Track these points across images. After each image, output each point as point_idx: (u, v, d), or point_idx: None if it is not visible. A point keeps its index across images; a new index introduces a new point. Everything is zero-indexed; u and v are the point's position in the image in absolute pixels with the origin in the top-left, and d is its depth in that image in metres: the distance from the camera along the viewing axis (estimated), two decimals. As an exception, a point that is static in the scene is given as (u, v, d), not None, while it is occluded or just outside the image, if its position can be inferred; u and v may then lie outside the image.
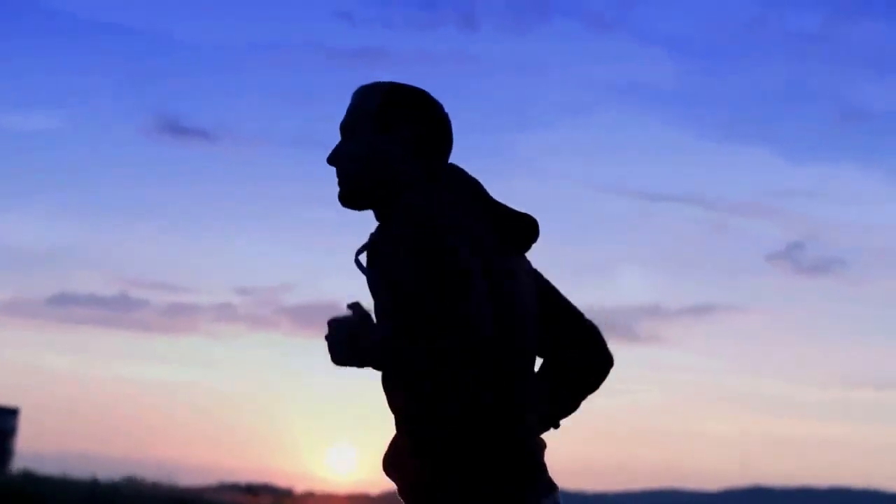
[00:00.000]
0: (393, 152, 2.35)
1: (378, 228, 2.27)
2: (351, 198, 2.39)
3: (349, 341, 2.18)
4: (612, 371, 2.44)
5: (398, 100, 2.38)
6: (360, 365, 2.20)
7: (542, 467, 2.30)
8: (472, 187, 2.37)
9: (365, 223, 2.36)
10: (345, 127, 2.41)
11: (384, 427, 2.43)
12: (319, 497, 22.80)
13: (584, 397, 2.44)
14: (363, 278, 2.27)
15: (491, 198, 2.37)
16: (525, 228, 2.37)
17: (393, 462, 2.28)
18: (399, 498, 2.30)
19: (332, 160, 2.40)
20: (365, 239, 2.25)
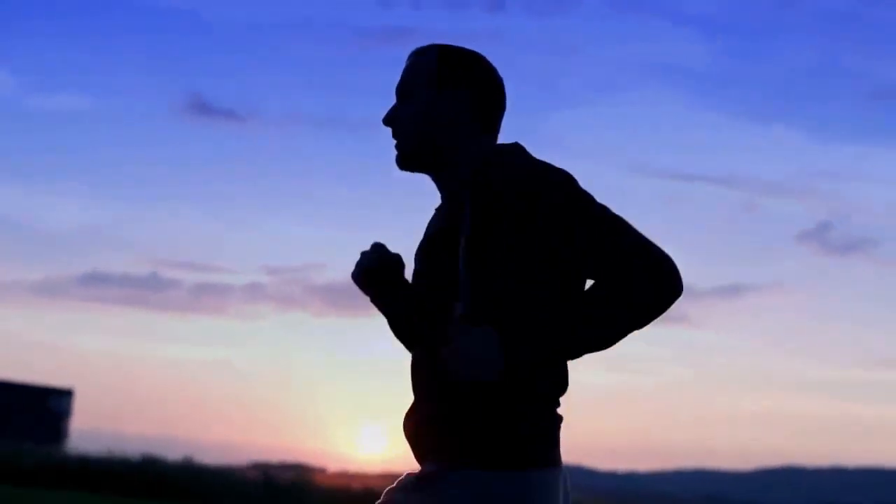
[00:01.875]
0: (450, 115, 2.34)
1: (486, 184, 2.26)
2: (409, 160, 2.38)
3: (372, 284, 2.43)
4: (644, 351, 2.83)
5: (455, 62, 2.37)
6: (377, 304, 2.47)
7: (558, 442, 2.32)
8: None
9: (390, 202, 2.74)
10: (401, 89, 2.39)
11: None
12: (353, 476, 23.30)
13: (638, 326, 2.23)
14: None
15: None
16: None
17: (431, 422, 2.29)
18: (419, 461, 2.34)
19: (388, 121, 2.39)
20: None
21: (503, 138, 2.42)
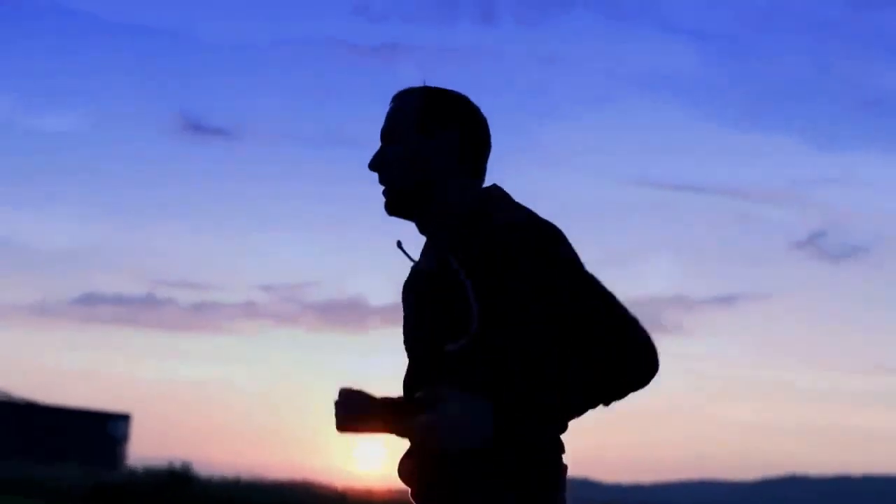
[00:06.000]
0: (437, 159, 2.32)
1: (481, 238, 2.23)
2: (398, 206, 2.35)
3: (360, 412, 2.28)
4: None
5: (440, 104, 2.35)
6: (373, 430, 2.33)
7: (564, 487, 2.31)
8: None
9: (382, 219, 2.35)
10: (386, 132, 2.36)
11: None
12: (360, 492, 22.98)
13: (615, 397, 2.23)
14: (389, 273, 2.41)
15: None
16: None
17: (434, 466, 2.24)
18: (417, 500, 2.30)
19: (374, 166, 2.36)
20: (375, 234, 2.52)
21: (492, 154, 2.41)
